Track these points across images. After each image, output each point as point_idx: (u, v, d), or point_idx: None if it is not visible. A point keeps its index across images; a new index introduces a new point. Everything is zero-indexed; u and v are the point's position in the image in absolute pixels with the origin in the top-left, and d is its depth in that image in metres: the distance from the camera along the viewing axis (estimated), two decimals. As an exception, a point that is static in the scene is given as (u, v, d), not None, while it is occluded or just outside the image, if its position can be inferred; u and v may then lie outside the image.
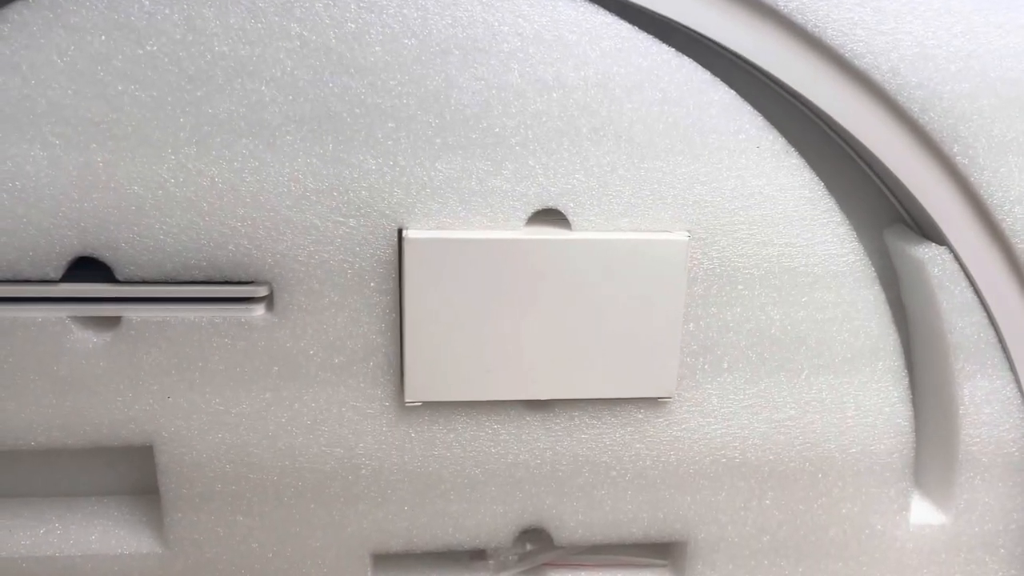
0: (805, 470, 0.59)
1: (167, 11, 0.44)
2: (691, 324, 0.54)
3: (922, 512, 0.60)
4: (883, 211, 0.58)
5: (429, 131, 0.48)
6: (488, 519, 0.56)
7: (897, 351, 0.57)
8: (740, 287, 0.54)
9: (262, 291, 0.49)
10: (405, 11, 0.46)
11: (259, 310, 0.50)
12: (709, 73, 0.50)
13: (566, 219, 0.51)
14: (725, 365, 0.55)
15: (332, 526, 0.55)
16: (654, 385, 0.55)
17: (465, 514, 0.56)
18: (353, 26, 0.45)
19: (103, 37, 0.44)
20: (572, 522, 0.57)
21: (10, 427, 0.50)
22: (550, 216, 0.51)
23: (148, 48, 0.44)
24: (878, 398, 0.58)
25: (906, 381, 0.58)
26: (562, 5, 0.47)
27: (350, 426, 0.53)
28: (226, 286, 0.49)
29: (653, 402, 0.55)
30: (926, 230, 0.56)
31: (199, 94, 0.45)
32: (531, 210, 0.51)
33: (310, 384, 0.52)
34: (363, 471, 0.54)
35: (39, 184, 0.45)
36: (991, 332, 0.55)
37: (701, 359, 0.55)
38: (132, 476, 0.55)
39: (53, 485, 0.56)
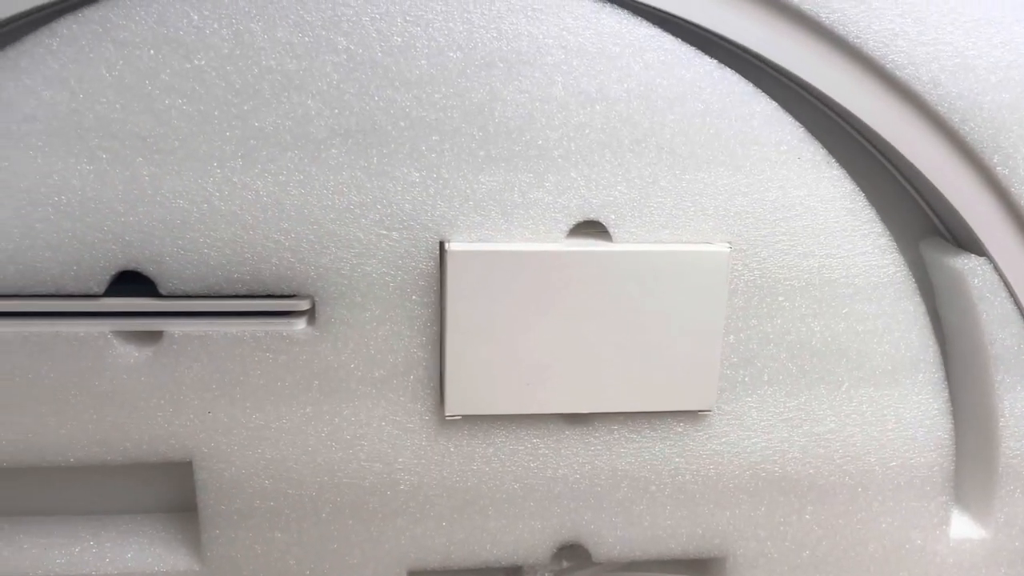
0: (845, 484, 0.59)
1: (216, 25, 0.45)
2: (731, 336, 0.55)
3: (962, 526, 0.61)
4: (918, 222, 0.59)
5: (472, 144, 0.49)
6: (526, 535, 0.57)
7: (937, 363, 0.57)
8: (781, 299, 0.54)
9: (304, 305, 0.50)
10: (451, 24, 0.47)
11: (301, 324, 0.50)
12: (751, 85, 0.51)
13: (607, 231, 0.52)
14: (765, 378, 0.56)
15: (370, 542, 0.55)
16: (694, 398, 0.55)
17: (503, 530, 0.57)
18: (399, 40, 0.46)
19: (151, 51, 0.45)
20: (610, 538, 0.58)
21: (49, 443, 0.50)
22: (591, 228, 0.52)
23: (196, 62, 0.45)
24: (918, 411, 0.58)
25: (946, 394, 0.58)
26: (606, 18, 0.48)
27: (389, 441, 0.53)
28: (268, 300, 0.50)
29: (693, 415, 0.56)
30: (963, 241, 0.57)
31: (246, 108, 0.46)
32: (572, 222, 0.51)
33: (350, 398, 0.52)
34: (402, 486, 0.54)
35: (85, 198, 0.46)
36: (1033, 343, 0.56)
37: (741, 371, 0.56)
38: (168, 493, 0.56)
39: (88, 502, 0.56)
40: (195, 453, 0.52)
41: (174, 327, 0.49)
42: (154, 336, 0.49)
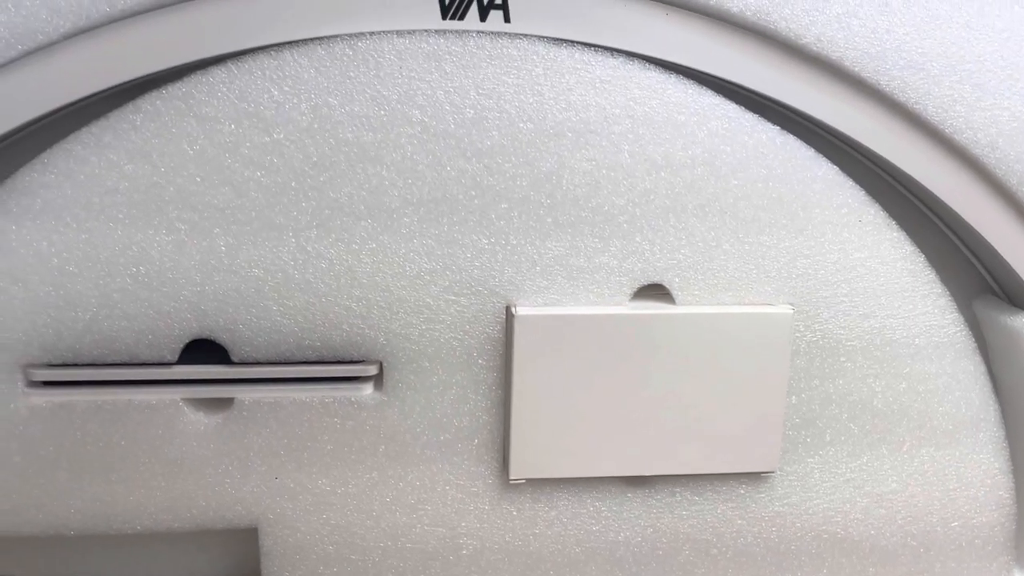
0: (907, 545, 0.60)
1: (295, 100, 0.47)
2: (793, 397, 0.56)
3: (1026, 586, 0.61)
4: (971, 281, 0.61)
5: (540, 210, 0.51)
6: (588, 599, 0.57)
7: (999, 422, 0.58)
8: (842, 359, 0.56)
9: (372, 370, 0.51)
10: (522, 97, 0.49)
11: (368, 389, 0.52)
12: (812, 149, 0.53)
13: (669, 294, 0.54)
14: (827, 438, 0.57)
15: (432, 608, 0.56)
16: (757, 459, 0.56)
17: (564, 594, 0.57)
18: (472, 112, 0.48)
19: (232, 126, 0.47)
20: (672, 602, 0.58)
21: (118, 511, 0.51)
22: (654, 291, 0.54)
23: (275, 136, 0.47)
24: (980, 470, 0.59)
25: (1007, 453, 0.59)
26: (672, 88, 0.50)
27: (453, 505, 0.55)
28: (337, 365, 0.51)
29: (755, 477, 0.57)
30: (1017, 300, 0.58)
31: (322, 179, 0.48)
32: (636, 285, 0.53)
33: (416, 462, 0.53)
34: (464, 551, 0.55)
35: (162, 268, 0.48)
36: (1096, 402, 0.57)
37: (803, 432, 0.57)
38: (232, 560, 0.57)
39: (151, 570, 0.57)
40: (261, 519, 0.53)
41: (245, 394, 0.51)
42: (225, 403, 0.51)
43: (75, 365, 0.49)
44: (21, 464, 0.50)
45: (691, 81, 0.51)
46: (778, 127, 0.52)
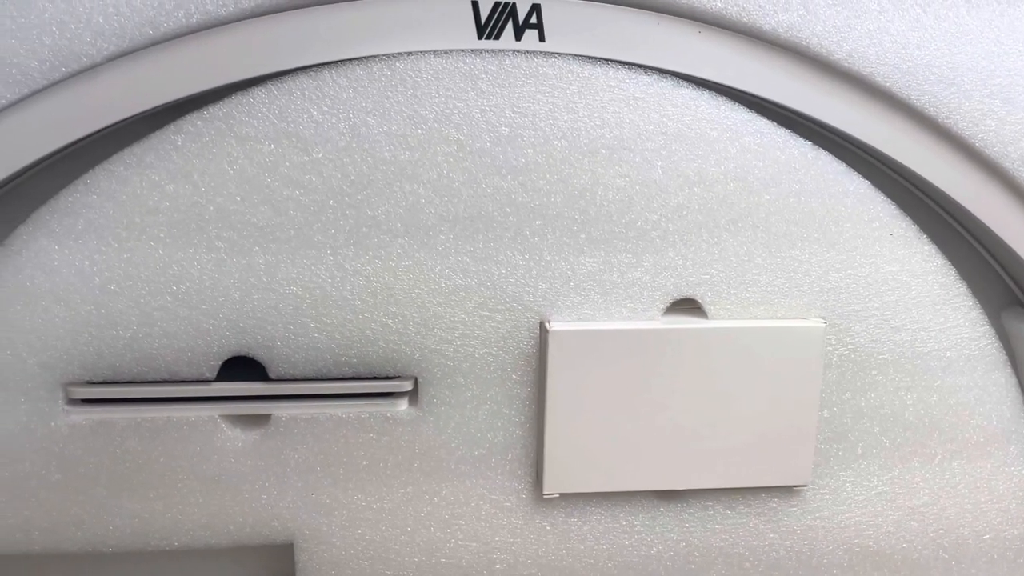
0: (939, 558, 0.61)
1: (334, 120, 0.48)
2: (825, 411, 0.57)
3: (1059, 599, 0.62)
4: (1000, 294, 0.62)
5: (574, 227, 0.52)
6: (620, 613, 0.58)
7: (1030, 434, 0.59)
8: (874, 372, 0.57)
9: (407, 386, 0.53)
10: (557, 114, 0.50)
11: (403, 405, 0.53)
12: (843, 164, 0.54)
13: (701, 308, 0.55)
14: (859, 451, 0.58)
15: (465, 623, 0.57)
16: (789, 473, 0.57)
17: (597, 609, 0.58)
18: (507, 130, 0.50)
19: (271, 145, 0.48)
20: (704, 615, 0.59)
21: (156, 528, 0.52)
22: (686, 305, 0.55)
23: (314, 155, 0.48)
24: (1011, 483, 0.60)
25: (1039, 464, 0.60)
26: (704, 104, 0.51)
27: (487, 519, 0.56)
28: (373, 381, 0.52)
29: (788, 490, 0.58)
30: (1047, 310, 0.59)
31: (359, 197, 0.49)
32: (669, 300, 0.54)
33: (450, 477, 0.54)
34: (498, 566, 0.56)
35: (202, 287, 0.49)
36: None
37: (835, 446, 0.58)
38: (260, 575, 0.58)
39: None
40: (297, 535, 0.54)
41: (281, 410, 0.52)
42: (262, 419, 0.52)
43: (115, 383, 0.50)
44: (61, 482, 0.51)
45: (724, 97, 0.52)
46: (810, 142, 0.53)
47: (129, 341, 0.50)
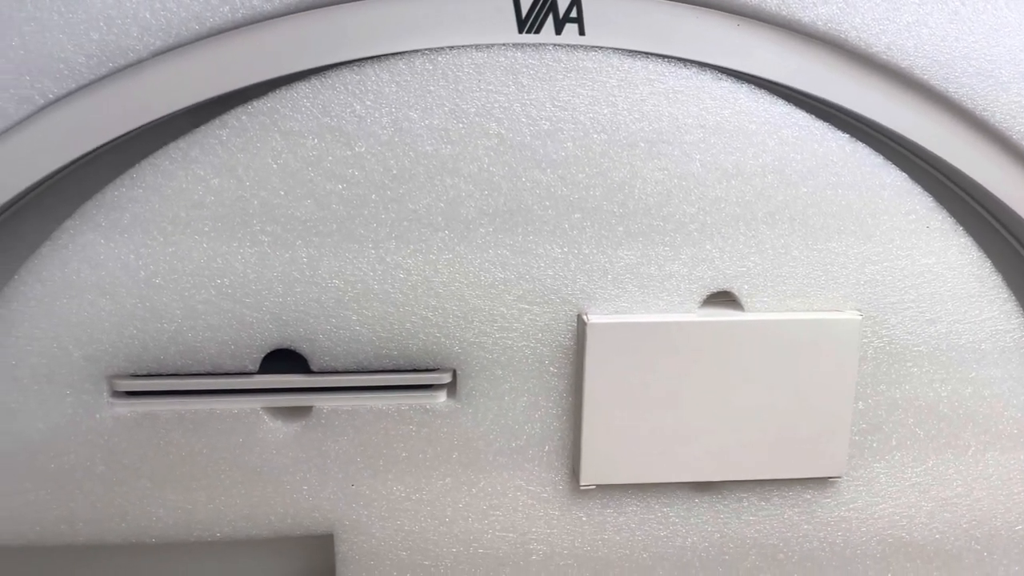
0: (971, 548, 0.61)
1: (376, 114, 0.49)
2: (860, 403, 0.57)
3: (1091, 590, 0.63)
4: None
5: (612, 220, 0.52)
6: (655, 604, 0.59)
7: (1064, 426, 0.60)
8: (909, 364, 0.57)
9: (446, 378, 0.53)
10: (596, 108, 0.51)
11: (442, 397, 0.54)
12: (881, 157, 0.54)
13: (737, 300, 0.55)
14: (893, 443, 0.59)
15: (502, 613, 0.58)
16: (824, 464, 0.58)
17: (631, 599, 0.59)
18: (547, 124, 0.50)
19: (315, 140, 0.49)
20: (738, 606, 0.60)
21: (198, 519, 0.53)
22: (722, 298, 0.55)
23: (357, 149, 0.49)
24: (1045, 474, 0.60)
25: (1072, 456, 0.61)
26: (743, 97, 0.52)
27: (524, 510, 0.56)
28: (412, 374, 0.53)
29: (822, 482, 0.59)
30: (1081, 302, 0.60)
31: (401, 191, 0.50)
32: (706, 293, 0.55)
33: (487, 469, 0.55)
34: (534, 556, 0.57)
35: (246, 280, 0.50)
36: None
37: (870, 437, 0.58)
38: (305, 566, 0.58)
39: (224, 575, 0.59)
40: (337, 526, 0.55)
41: (323, 402, 0.52)
42: (303, 411, 0.53)
43: (159, 376, 0.51)
44: (105, 473, 0.52)
45: (762, 91, 0.52)
46: (847, 135, 0.54)
47: (173, 334, 0.51)
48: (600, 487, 0.57)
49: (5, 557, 0.55)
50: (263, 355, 0.52)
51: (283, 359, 0.52)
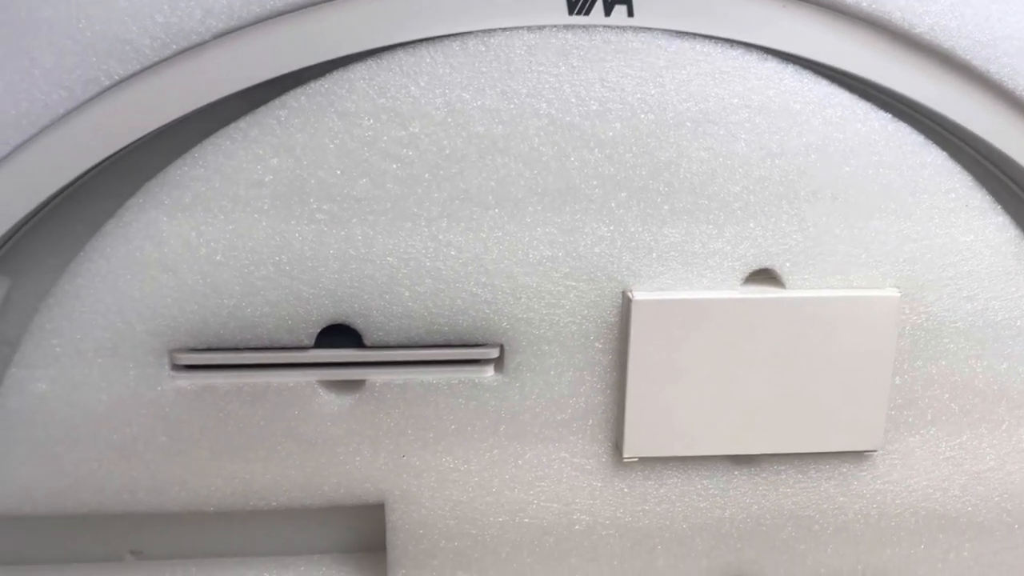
0: (1002, 521, 0.63)
1: (430, 95, 0.50)
2: (897, 378, 0.59)
3: (1120, 562, 0.64)
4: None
5: (658, 198, 0.54)
6: (693, 574, 0.61)
7: (1097, 401, 0.61)
8: (946, 340, 0.59)
9: (494, 353, 0.55)
10: (644, 88, 0.52)
11: (490, 371, 0.55)
12: (922, 136, 0.55)
13: (777, 278, 0.57)
14: (929, 417, 0.60)
15: (545, 581, 0.60)
16: (861, 438, 0.60)
17: (670, 569, 0.61)
18: (596, 105, 0.52)
19: (371, 120, 0.50)
20: (773, 576, 0.62)
21: (255, 488, 0.56)
22: (763, 275, 0.57)
23: (411, 129, 0.51)
24: (1077, 448, 0.62)
25: (1104, 431, 0.62)
26: (788, 78, 0.53)
27: (568, 482, 0.58)
28: (461, 349, 0.55)
29: (858, 455, 0.60)
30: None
31: (453, 170, 0.51)
32: (748, 270, 0.56)
33: (533, 441, 0.57)
34: (577, 527, 0.59)
35: (303, 257, 0.52)
36: None
37: (906, 412, 0.60)
38: (354, 534, 0.61)
39: (273, 544, 0.61)
40: (388, 495, 0.57)
41: (377, 376, 0.54)
42: (356, 385, 0.55)
43: (219, 349, 0.53)
44: (166, 444, 0.54)
45: (807, 71, 0.54)
46: (889, 114, 0.55)
47: (233, 309, 0.52)
48: (642, 459, 0.59)
49: (69, 524, 0.58)
50: (319, 330, 0.54)
51: (338, 334, 0.54)
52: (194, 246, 0.51)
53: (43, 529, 0.59)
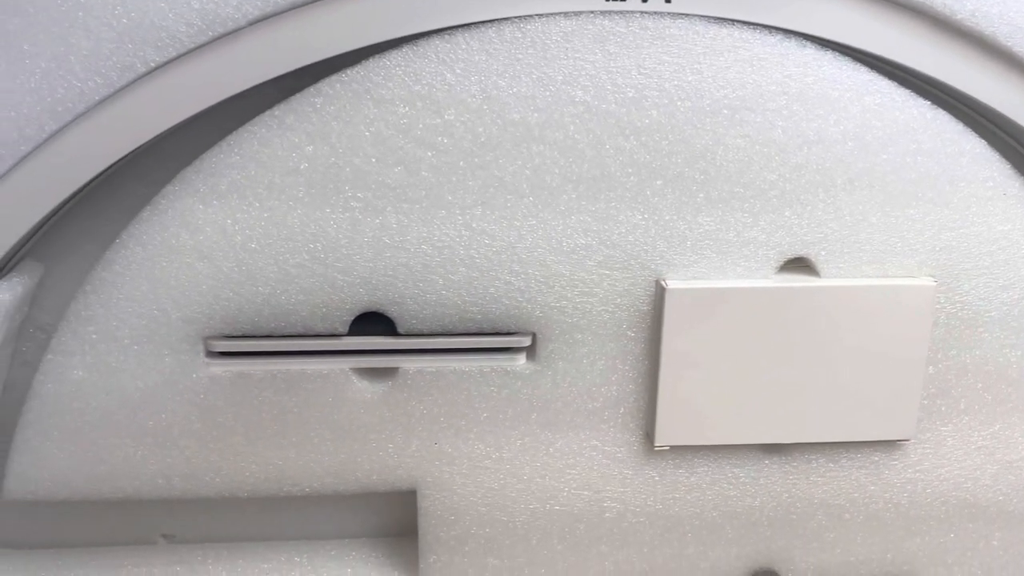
0: (1033, 511, 0.63)
1: (466, 82, 0.50)
2: (931, 367, 0.59)
3: None
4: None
5: (693, 187, 0.54)
6: (722, 561, 0.62)
7: None
8: (980, 330, 0.59)
9: (526, 341, 0.55)
10: (681, 75, 0.52)
11: (522, 359, 0.56)
12: (961, 124, 0.55)
13: (811, 266, 0.56)
14: (962, 407, 0.60)
15: (575, 567, 0.61)
16: (893, 427, 0.60)
17: (700, 556, 0.62)
18: (632, 92, 0.51)
19: (406, 108, 0.50)
20: (803, 564, 0.62)
21: (288, 474, 0.56)
22: (797, 263, 0.56)
23: (446, 117, 0.51)
24: (1109, 438, 0.62)
25: None
26: (827, 64, 0.53)
27: (599, 469, 0.59)
28: (494, 337, 0.55)
29: (890, 444, 0.60)
30: None
31: (488, 158, 0.51)
32: (783, 259, 0.56)
33: (565, 429, 0.57)
34: (607, 514, 0.60)
35: (337, 245, 0.52)
36: None
37: (939, 401, 0.60)
38: (386, 519, 0.61)
39: (305, 528, 0.62)
40: (420, 482, 0.57)
41: (410, 364, 0.55)
42: (390, 372, 0.55)
43: (253, 337, 0.53)
44: (201, 430, 0.55)
45: (846, 58, 0.53)
46: (928, 102, 0.54)
47: (267, 297, 0.53)
48: (673, 448, 0.59)
49: (104, 509, 0.58)
50: (352, 318, 0.54)
51: (371, 321, 0.54)
52: (229, 233, 0.51)
53: (78, 514, 0.60)
